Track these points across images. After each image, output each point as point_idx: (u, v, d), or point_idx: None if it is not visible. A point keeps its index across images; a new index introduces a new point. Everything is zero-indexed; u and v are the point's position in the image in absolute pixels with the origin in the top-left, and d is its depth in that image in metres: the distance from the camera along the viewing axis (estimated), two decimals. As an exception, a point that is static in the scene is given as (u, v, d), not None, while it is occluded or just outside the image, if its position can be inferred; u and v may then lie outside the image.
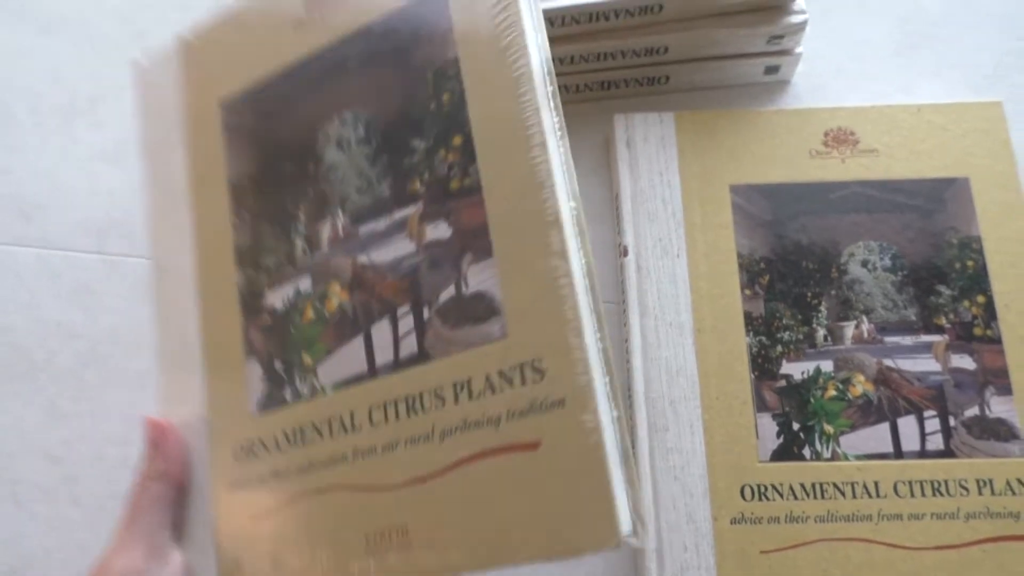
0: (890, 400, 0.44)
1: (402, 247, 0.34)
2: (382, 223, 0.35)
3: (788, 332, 0.46)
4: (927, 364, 0.45)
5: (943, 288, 0.46)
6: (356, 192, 0.35)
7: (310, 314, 0.36)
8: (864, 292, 0.46)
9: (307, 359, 0.35)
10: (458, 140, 0.33)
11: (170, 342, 0.39)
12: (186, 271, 0.39)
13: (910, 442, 0.43)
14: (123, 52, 0.57)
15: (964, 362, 0.45)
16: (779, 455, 0.43)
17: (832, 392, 0.45)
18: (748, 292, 0.46)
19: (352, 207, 0.36)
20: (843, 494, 0.42)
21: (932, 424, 0.44)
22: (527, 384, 0.30)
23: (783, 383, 0.45)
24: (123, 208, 0.53)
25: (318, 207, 0.36)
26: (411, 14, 0.35)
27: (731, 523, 0.42)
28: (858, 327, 0.46)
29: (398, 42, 0.35)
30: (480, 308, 0.32)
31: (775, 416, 0.44)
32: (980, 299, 0.46)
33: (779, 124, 0.50)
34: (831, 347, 0.46)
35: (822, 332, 0.46)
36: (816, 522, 0.42)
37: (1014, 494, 0.42)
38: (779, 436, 0.44)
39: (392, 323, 0.34)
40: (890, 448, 0.43)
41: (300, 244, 0.37)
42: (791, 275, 0.47)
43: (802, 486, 0.43)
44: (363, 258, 0.35)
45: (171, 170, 0.41)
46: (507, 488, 0.30)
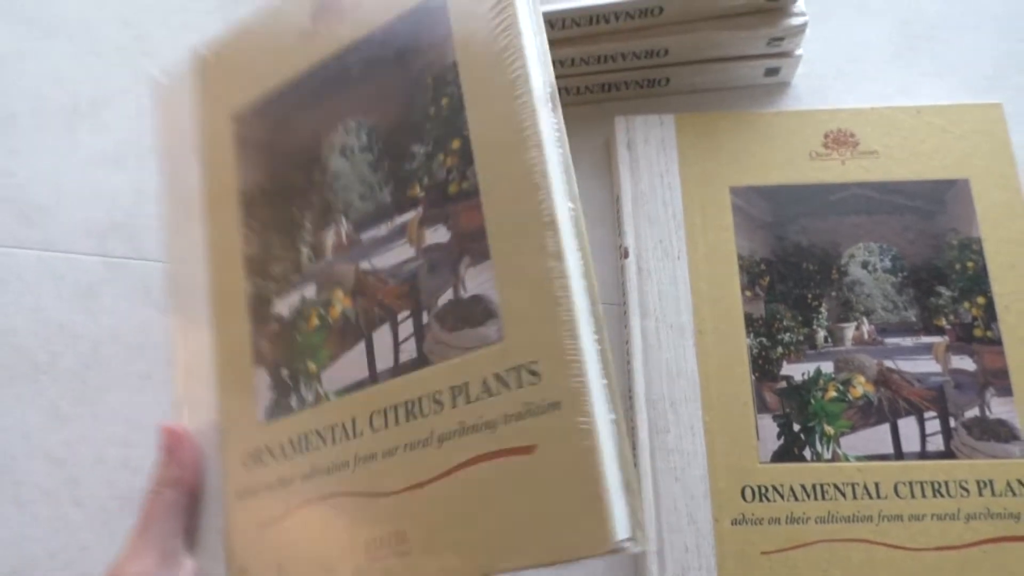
0: (890, 401, 0.44)
1: (402, 252, 0.34)
2: (383, 229, 0.35)
3: (788, 333, 0.46)
4: (927, 365, 0.45)
5: (943, 289, 0.46)
6: (359, 199, 0.35)
7: (315, 321, 0.36)
8: (864, 293, 0.47)
9: (312, 366, 0.35)
10: (456, 144, 0.33)
11: (184, 350, 0.40)
12: (199, 281, 0.40)
13: (910, 443, 0.43)
14: (125, 55, 0.57)
15: (964, 363, 0.45)
16: (780, 456, 0.43)
17: (832, 393, 0.45)
18: (748, 294, 0.47)
19: (355, 214, 0.36)
20: (844, 495, 0.42)
21: (932, 425, 0.44)
22: (523, 387, 0.30)
23: (784, 384, 0.45)
24: (125, 211, 0.53)
25: (323, 215, 0.36)
26: (412, 21, 0.35)
27: (732, 524, 0.42)
28: (858, 328, 0.46)
29: (399, 49, 0.35)
30: (477, 311, 0.31)
31: (776, 417, 0.44)
32: (980, 300, 0.46)
33: (779, 126, 0.50)
34: (831, 348, 0.46)
35: (822, 333, 0.46)
36: (817, 523, 0.42)
37: (1014, 495, 0.42)
38: (780, 437, 0.44)
39: (392, 328, 0.34)
40: (890, 449, 0.43)
41: (306, 252, 0.37)
42: (791, 277, 0.47)
43: (803, 487, 0.43)
44: (365, 264, 0.35)
45: (187, 183, 0.41)
46: (503, 492, 0.29)
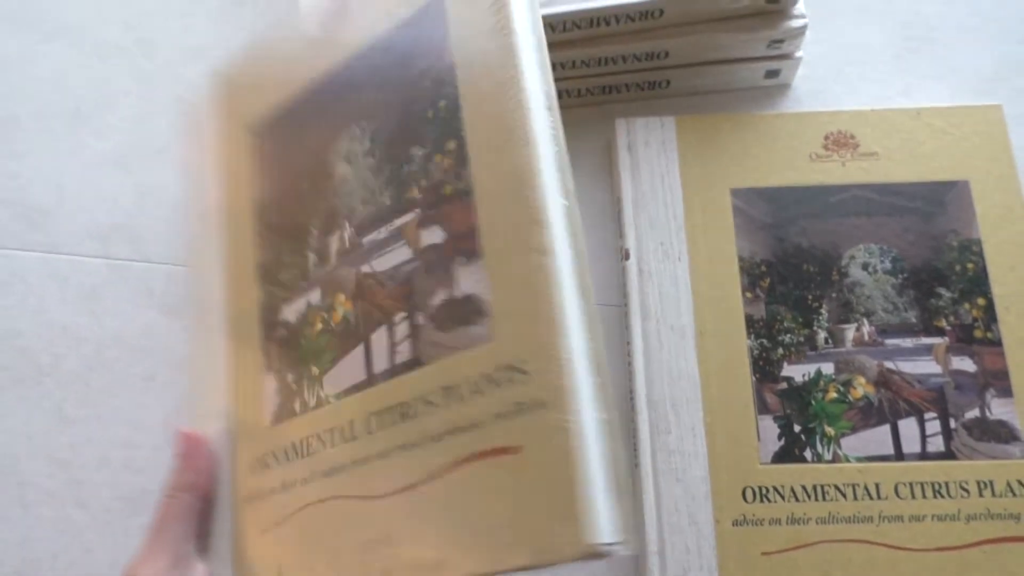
0: (891, 402, 0.44)
1: (401, 254, 0.34)
2: (383, 232, 0.35)
3: (789, 335, 0.46)
4: (928, 366, 0.45)
5: (943, 291, 0.46)
6: (361, 203, 0.36)
7: (318, 326, 0.36)
8: (864, 295, 0.47)
9: (315, 370, 0.36)
10: (452, 145, 0.33)
11: (200, 358, 0.40)
12: (217, 291, 0.40)
13: (911, 444, 0.43)
14: (127, 58, 0.57)
15: (964, 364, 0.45)
16: (780, 457, 0.44)
17: (833, 394, 0.45)
18: (749, 295, 0.47)
19: (357, 218, 0.36)
20: (844, 496, 0.43)
21: (933, 426, 0.44)
22: (513, 385, 0.29)
23: (784, 385, 0.45)
24: (128, 213, 0.54)
25: (329, 221, 0.37)
26: (413, 25, 0.35)
27: (733, 525, 0.42)
28: (859, 330, 0.46)
29: (401, 54, 0.35)
30: (469, 310, 0.31)
31: (776, 418, 0.44)
32: (980, 301, 0.46)
33: (779, 128, 0.50)
34: (832, 349, 0.46)
35: (823, 335, 0.46)
36: (817, 524, 0.42)
37: (1014, 495, 0.42)
38: (780, 438, 0.44)
39: (389, 330, 0.34)
40: (891, 450, 0.43)
41: (312, 258, 0.37)
42: (792, 278, 0.47)
43: (803, 488, 0.43)
44: (366, 267, 0.35)
45: (209, 198, 0.42)
46: (489, 494, 0.29)
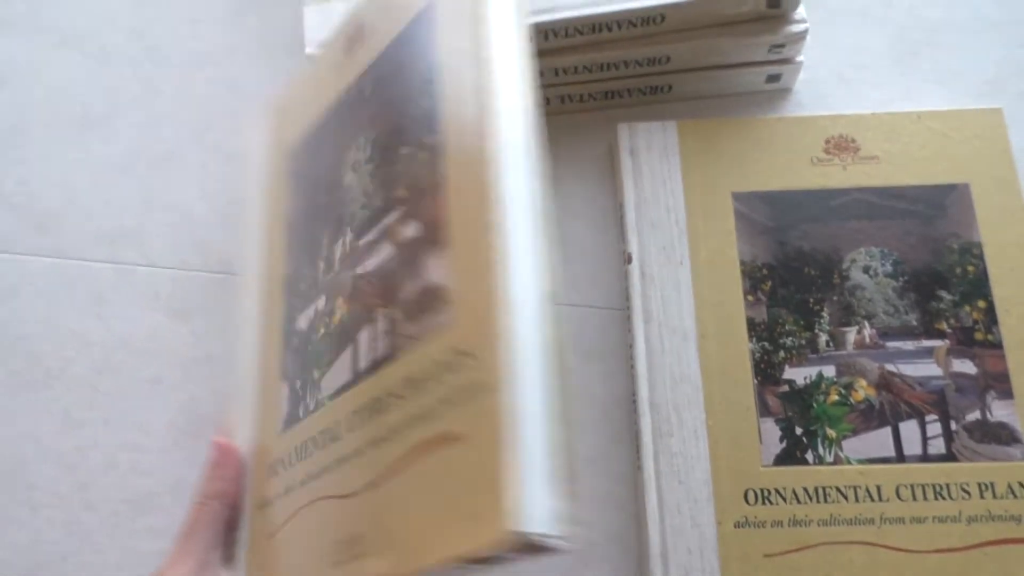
0: (892, 405, 0.45)
1: (386, 252, 0.34)
2: (374, 233, 0.35)
3: (790, 338, 0.46)
4: (928, 369, 0.45)
5: (944, 293, 0.46)
6: (360, 208, 0.36)
7: (321, 330, 0.36)
8: (866, 298, 0.47)
9: (316, 374, 0.36)
10: (430, 140, 0.33)
11: (238, 371, 0.42)
12: (254, 304, 0.42)
13: (912, 446, 0.44)
14: (135, 66, 0.58)
15: (965, 367, 0.45)
16: (782, 459, 0.44)
17: (834, 397, 0.45)
18: (751, 298, 0.47)
19: (356, 223, 0.36)
20: (846, 498, 0.43)
21: (934, 428, 0.44)
22: (462, 371, 0.28)
23: (786, 388, 0.45)
24: (136, 218, 0.54)
25: (336, 229, 0.37)
26: (410, 34, 0.35)
27: (735, 527, 0.43)
28: (860, 332, 0.46)
29: (399, 63, 0.36)
30: (435, 299, 0.30)
31: (778, 421, 0.45)
32: (981, 304, 0.46)
33: (781, 132, 0.50)
34: (833, 352, 0.46)
35: (824, 338, 0.46)
36: (819, 526, 0.42)
37: (1015, 497, 0.42)
38: (782, 441, 0.44)
39: (372, 327, 0.34)
40: (892, 452, 0.44)
41: (322, 266, 0.38)
42: (793, 281, 0.47)
43: (805, 490, 0.43)
44: (360, 269, 0.35)
45: (253, 220, 0.44)
46: (431, 485, 0.28)
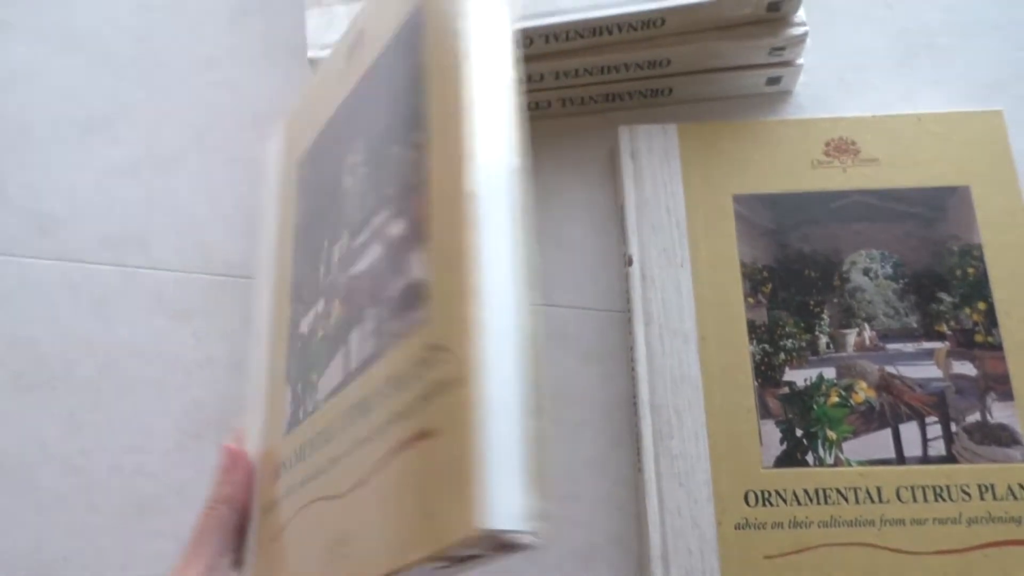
0: (892, 406, 0.45)
1: (375, 252, 0.34)
2: (366, 233, 0.35)
3: (791, 340, 0.46)
4: (929, 371, 0.45)
5: (944, 295, 0.47)
6: (357, 210, 0.36)
7: (320, 333, 0.37)
8: (866, 300, 0.47)
9: (314, 376, 0.36)
10: (417, 137, 0.32)
11: (250, 377, 0.42)
12: (266, 312, 0.43)
13: (912, 448, 0.44)
14: (138, 70, 0.58)
15: (965, 368, 0.45)
16: (783, 461, 0.44)
17: (835, 399, 0.45)
18: (751, 300, 0.47)
19: (352, 225, 0.36)
20: (846, 499, 0.43)
21: (934, 430, 0.44)
22: (438, 366, 0.27)
23: (786, 390, 0.45)
24: (139, 221, 0.54)
25: (335, 233, 0.37)
26: (402, 37, 0.35)
27: (735, 528, 0.43)
28: (860, 334, 0.46)
29: (390, 64, 0.36)
30: (416, 295, 0.30)
31: (778, 423, 0.45)
32: (981, 306, 0.46)
33: (781, 134, 0.50)
34: (833, 354, 0.46)
35: (824, 340, 0.46)
36: (819, 527, 0.43)
37: (1016, 499, 0.42)
38: (782, 442, 0.44)
39: (361, 327, 0.33)
40: (892, 454, 0.44)
41: (322, 270, 0.38)
42: (794, 283, 0.48)
43: (805, 492, 0.43)
44: (353, 271, 0.35)
45: (267, 231, 0.45)
46: (408, 482, 0.27)
